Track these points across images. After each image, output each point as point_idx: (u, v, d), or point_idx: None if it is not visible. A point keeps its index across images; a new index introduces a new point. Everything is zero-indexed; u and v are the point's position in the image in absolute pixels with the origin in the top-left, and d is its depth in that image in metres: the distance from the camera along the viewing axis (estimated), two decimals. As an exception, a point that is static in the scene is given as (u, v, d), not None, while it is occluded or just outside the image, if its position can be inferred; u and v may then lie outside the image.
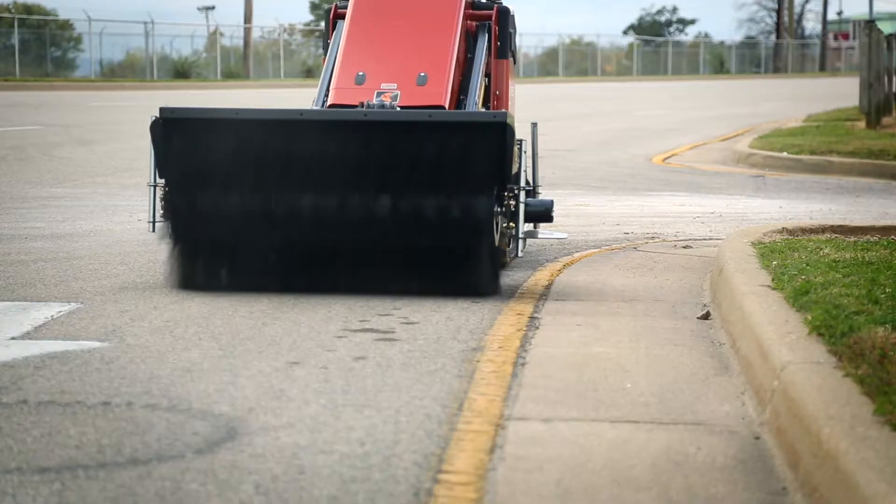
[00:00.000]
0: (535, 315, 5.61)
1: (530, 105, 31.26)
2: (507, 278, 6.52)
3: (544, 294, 6.16)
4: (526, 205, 6.05)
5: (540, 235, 6.79)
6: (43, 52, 51.10)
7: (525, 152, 6.23)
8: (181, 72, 52.27)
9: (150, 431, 3.65)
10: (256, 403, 3.98)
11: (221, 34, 56.87)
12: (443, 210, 5.74)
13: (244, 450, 3.49)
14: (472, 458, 3.48)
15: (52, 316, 5.35)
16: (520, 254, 6.16)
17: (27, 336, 4.95)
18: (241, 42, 57.29)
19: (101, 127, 19.94)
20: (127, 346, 4.79)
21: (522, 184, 6.07)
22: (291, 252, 5.86)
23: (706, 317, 5.62)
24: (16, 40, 48.27)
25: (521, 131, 6.19)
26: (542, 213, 6.35)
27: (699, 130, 23.43)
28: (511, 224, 6.08)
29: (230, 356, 4.64)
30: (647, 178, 14.33)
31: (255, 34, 58.02)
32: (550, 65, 71.63)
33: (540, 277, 6.65)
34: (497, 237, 5.93)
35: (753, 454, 3.61)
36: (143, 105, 27.00)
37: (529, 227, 6.68)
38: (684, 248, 7.91)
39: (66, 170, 13.55)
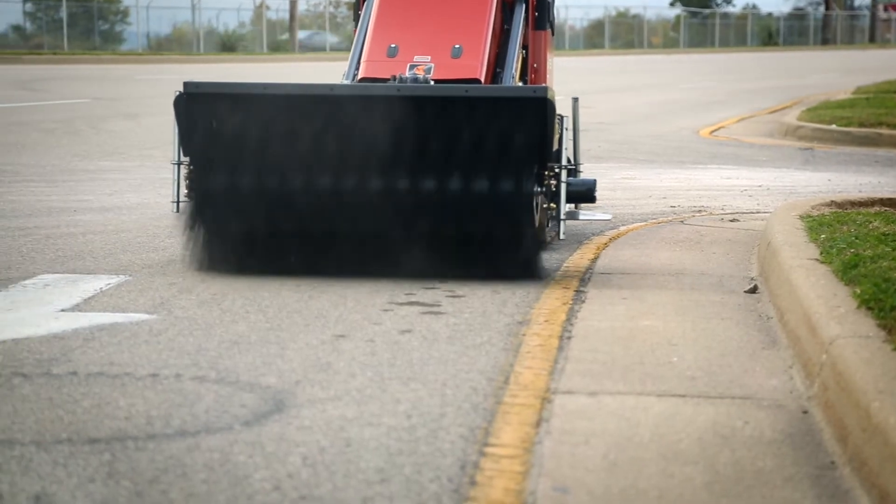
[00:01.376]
0: (581, 288, 5.60)
1: (576, 78, 31.14)
2: (554, 252, 6.51)
3: (590, 267, 6.15)
4: (567, 184, 5.80)
5: (581, 217, 6.39)
6: (90, 25, 51.38)
7: (566, 129, 5.98)
8: (227, 45, 52.45)
9: (199, 403, 3.68)
10: (303, 376, 4.00)
11: (267, 7, 56.96)
12: (480, 190, 5.48)
13: (291, 422, 3.51)
14: (518, 431, 3.48)
15: (100, 288, 5.39)
16: (561, 236, 5.86)
17: (76, 308, 5.00)
18: (286, 15, 57.38)
19: (148, 100, 20.04)
20: (175, 318, 4.82)
21: (563, 162, 5.80)
22: (318, 233, 5.58)
23: (753, 290, 5.59)
24: (64, 14, 48.55)
25: (562, 106, 6.00)
26: (584, 194, 6.10)
27: (746, 103, 23.28)
28: (552, 205, 5.80)
29: (277, 329, 4.66)
30: (694, 150, 14.26)
31: (301, 7, 58.08)
32: (596, 37, 71.32)
33: (586, 251, 6.64)
34: (537, 218, 5.67)
35: (801, 428, 3.60)
36: (190, 79, 27.06)
37: (570, 207, 6.44)
38: (731, 221, 7.87)
39: (114, 143, 13.63)
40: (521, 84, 6.78)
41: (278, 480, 3.04)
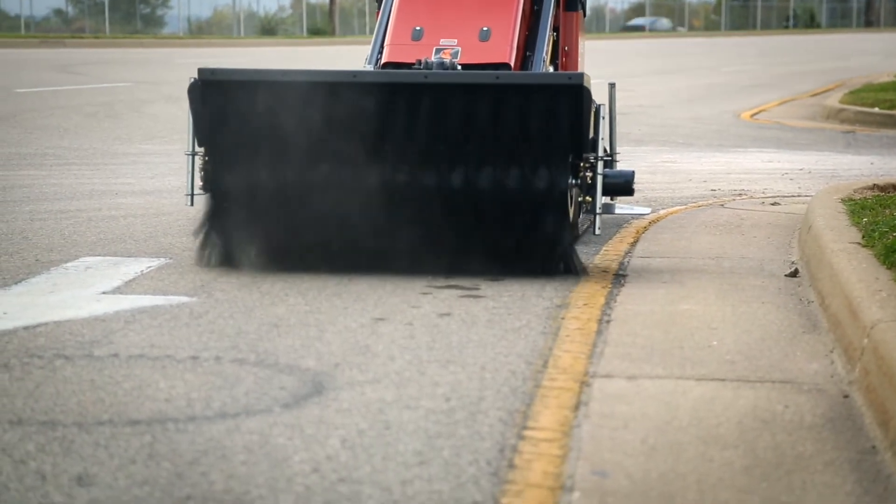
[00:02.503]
0: (621, 272, 5.59)
1: (616, 61, 31.03)
2: (592, 236, 6.48)
3: (629, 251, 6.13)
4: (604, 176, 5.48)
5: (618, 210, 5.97)
6: (132, 9, 51.63)
7: (603, 118, 5.68)
8: (267, 29, 52.58)
9: (238, 386, 3.70)
10: (342, 359, 4.01)
11: (307, -9, 57.03)
12: (511, 182, 5.23)
13: (330, 405, 3.52)
14: (556, 414, 3.48)
15: (141, 271, 5.42)
16: (596, 231, 5.53)
17: (118, 290, 5.03)
18: (326, -2, 57.44)
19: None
20: (215, 301, 4.84)
21: (600, 153, 5.49)
22: (339, 227, 5.31)
23: (794, 274, 5.56)
24: (105, -2, 48.79)
25: (597, 91, 5.74)
26: (621, 186, 5.75)
27: (788, 86, 23.13)
28: (587, 198, 5.50)
29: (316, 312, 4.67)
30: (735, 134, 14.18)
31: (341, -10, 58.10)
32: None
33: (625, 235, 6.62)
34: (571, 212, 5.41)
35: (842, 413, 3.58)
36: (229, 62, 27.17)
37: (606, 200, 6.10)
38: (772, 204, 7.83)
39: (155, 126, 13.70)
40: (551, 68, 6.52)
41: (317, 463, 3.05)
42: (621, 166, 7.08)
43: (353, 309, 4.72)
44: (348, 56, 31.11)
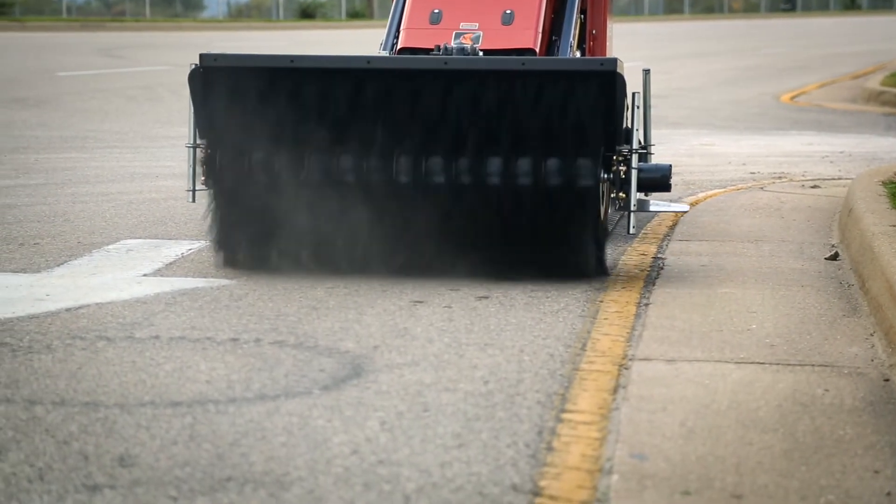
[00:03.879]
0: (659, 255, 5.58)
1: (655, 43, 30.92)
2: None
3: (668, 234, 6.12)
4: (638, 170, 5.07)
5: (652, 207, 5.57)
6: (171, -7, 51.79)
7: (637, 106, 5.26)
8: (306, 12, 52.65)
9: (278, 368, 3.72)
10: (381, 341, 4.03)
11: (345, -26, 57.04)
12: (538, 176, 4.85)
13: (369, 387, 3.53)
14: (595, 397, 3.49)
15: (182, 253, 5.46)
16: (631, 230, 5.13)
17: (158, 273, 5.06)
18: (364, -19, 57.42)
19: (228, 67, 20.14)
20: (254, 283, 4.87)
21: (634, 145, 5.10)
22: (351, 223, 4.94)
23: (834, 257, 5.53)
24: (145, -18, 48.98)
25: (630, 76, 5.27)
26: (657, 181, 5.24)
27: (828, 68, 22.97)
28: (621, 194, 5.09)
29: (355, 294, 4.69)
30: (774, 116, 14.11)
31: (378, -27, 58.06)
32: (675, 2, 70.68)
33: (664, 217, 6.60)
34: (603, 209, 5.06)
35: (883, 396, 3.56)
36: (268, 46, 27.23)
37: (640, 195, 5.57)
38: (812, 187, 7.79)
39: (194, 110, 13.73)
40: (578, 54, 6.15)
41: (356, 445, 3.07)
42: (657, 156, 6.85)
43: (391, 291, 4.74)
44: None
